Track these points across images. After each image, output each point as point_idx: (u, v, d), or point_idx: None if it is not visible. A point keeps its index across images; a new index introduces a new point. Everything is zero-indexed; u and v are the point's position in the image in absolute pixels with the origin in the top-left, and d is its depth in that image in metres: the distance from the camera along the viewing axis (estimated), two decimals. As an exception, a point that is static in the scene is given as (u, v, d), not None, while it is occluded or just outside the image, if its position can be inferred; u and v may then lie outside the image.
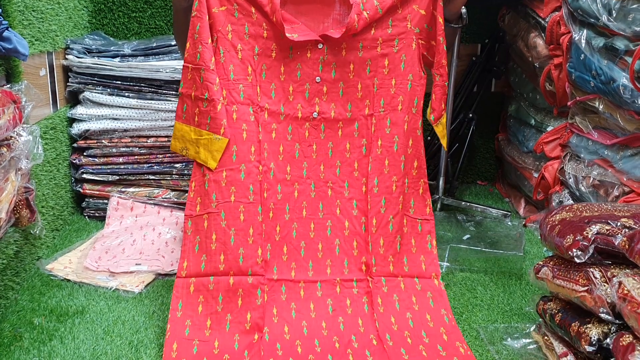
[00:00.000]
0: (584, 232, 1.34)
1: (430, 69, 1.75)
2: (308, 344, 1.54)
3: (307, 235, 1.71)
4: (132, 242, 2.18)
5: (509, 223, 2.44)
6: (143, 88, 2.36)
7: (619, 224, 1.32)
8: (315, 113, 1.70)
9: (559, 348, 1.46)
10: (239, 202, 1.63)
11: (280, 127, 1.70)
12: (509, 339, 1.62)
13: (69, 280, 1.90)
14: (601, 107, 1.93)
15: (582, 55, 1.94)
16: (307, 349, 1.52)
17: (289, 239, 1.70)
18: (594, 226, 1.34)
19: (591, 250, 1.31)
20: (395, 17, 1.67)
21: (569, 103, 2.12)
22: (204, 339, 1.53)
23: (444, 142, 1.82)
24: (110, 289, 1.86)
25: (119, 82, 2.36)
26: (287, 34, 1.61)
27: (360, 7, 1.62)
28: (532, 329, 1.63)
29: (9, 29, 1.67)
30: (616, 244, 1.27)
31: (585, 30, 1.96)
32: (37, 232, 1.85)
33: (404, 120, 1.71)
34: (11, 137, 1.62)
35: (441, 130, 1.79)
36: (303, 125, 1.71)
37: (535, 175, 2.43)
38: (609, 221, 1.34)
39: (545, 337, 1.54)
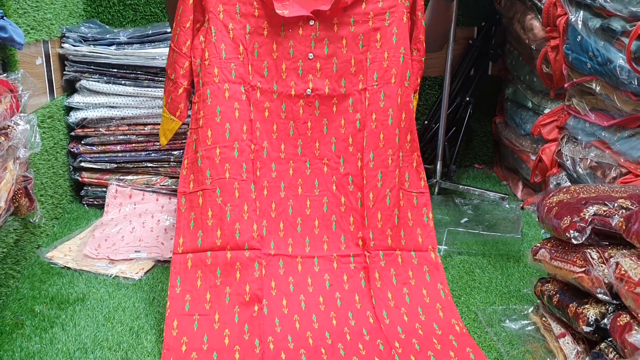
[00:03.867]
0: (581, 214, 1.35)
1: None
2: (306, 320, 1.55)
3: (303, 212, 1.72)
4: (131, 230, 2.18)
5: (507, 206, 2.45)
6: (139, 75, 2.35)
7: (616, 205, 1.33)
8: (308, 90, 1.70)
9: (557, 329, 1.47)
10: (234, 179, 1.63)
11: (274, 105, 1.70)
12: (507, 321, 1.63)
13: (69, 268, 1.91)
14: (598, 88, 1.93)
15: (579, 36, 1.93)
16: (305, 324, 1.54)
17: (285, 215, 1.70)
18: (591, 207, 1.35)
19: (588, 232, 1.32)
20: None
21: (565, 85, 2.12)
22: (204, 312, 1.53)
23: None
24: (110, 276, 1.87)
25: (115, 70, 2.35)
26: (278, 11, 1.61)
27: None
28: (530, 310, 1.64)
29: (4, 17, 1.67)
30: (613, 224, 1.28)
31: (581, 12, 1.95)
32: (37, 220, 1.85)
33: (397, 94, 1.71)
34: (9, 126, 1.61)
35: (414, 105, 1.80)
36: (297, 102, 1.71)
37: (533, 157, 2.43)
38: (606, 202, 1.35)
39: (544, 319, 1.55)
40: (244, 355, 1.45)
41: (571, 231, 1.34)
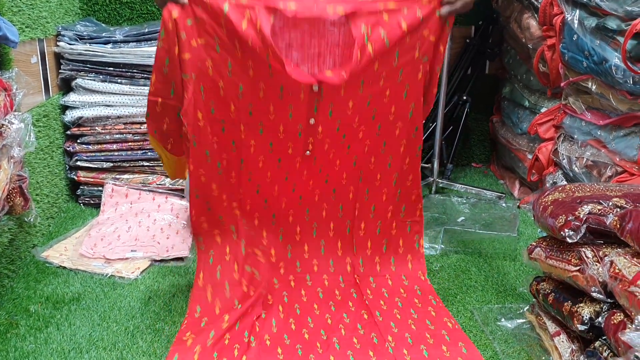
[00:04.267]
0: (576, 212, 1.35)
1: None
2: (301, 321, 1.58)
3: (293, 238, 1.76)
4: (128, 229, 2.18)
5: (504, 205, 2.45)
6: (135, 74, 2.35)
7: (610, 203, 1.33)
8: (307, 152, 1.61)
9: (552, 327, 1.47)
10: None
11: (269, 160, 1.62)
12: (502, 320, 1.63)
13: (64, 268, 1.90)
14: (594, 87, 1.93)
15: (575, 35, 1.93)
16: (300, 324, 1.56)
17: (276, 243, 1.75)
18: (585, 206, 1.35)
19: (583, 230, 1.32)
20: (402, 47, 1.46)
21: (562, 84, 2.12)
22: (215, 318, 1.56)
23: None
24: (106, 275, 1.86)
25: (111, 69, 2.34)
26: (287, 68, 1.41)
27: (365, 39, 1.41)
28: (525, 309, 1.64)
29: (-2, 15, 1.66)
30: (608, 223, 1.28)
31: (577, 11, 1.95)
32: (32, 219, 1.85)
33: (400, 144, 1.64)
34: (2, 125, 1.61)
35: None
36: (294, 159, 1.62)
37: (530, 156, 2.43)
38: (600, 201, 1.34)
39: (539, 317, 1.55)
40: (241, 352, 1.45)
41: (566, 230, 1.34)
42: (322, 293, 1.69)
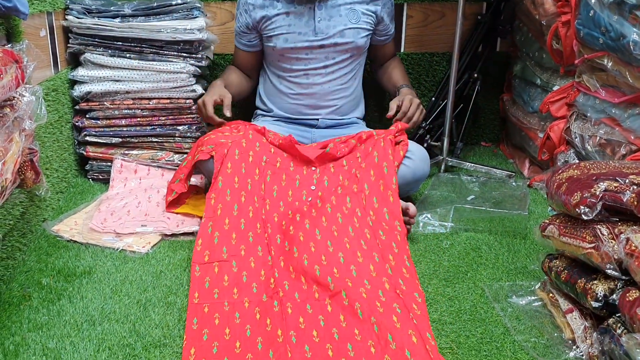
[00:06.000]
0: (592, 189, 1.34)
1: None
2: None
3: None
4: (137, 204, 2.18)
5: (514, 183, 2.44)
6: (144, 49, 2.33)
7: (627, 180, 1.32)
8: (313, 212, 1.88)
9: (565, 305, 1.47)
10: (250, 254, 1.72)
11: (281, 214, 1.91)
12: (513, 297, 1.63)
13: (75, 242, 1.91)
14: (610, 64, 1.91)
15: (592, 11, 1.90)
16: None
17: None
18: (601, 183, 1.34)
19: (599, 207, 1.31)
20: (369, 143, 2.10)
21: (576, 61, 2.09)
22: (224, 343, 1.41)
23: None
24: (117, 249, 1.87)
25: (120, 43, 2.33)
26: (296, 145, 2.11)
27: (340, 145, 2.12)
28: (537, 286, 1.64)
29: (8, -14, 1.64)
30: (624, 200, 1.27)
31: (594, -14, 1.92)
32: (42, 193, 1.85)
33: (387, 195, 1.93)
34: (14, 97, 1.60)
35: None
36: (303, 218, 1.87)
37: (541, 135, 2.41)
38: (617, 178, 1.33)
39: (551, 295, 1.54)
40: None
41: (581, 207, 1.33)
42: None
